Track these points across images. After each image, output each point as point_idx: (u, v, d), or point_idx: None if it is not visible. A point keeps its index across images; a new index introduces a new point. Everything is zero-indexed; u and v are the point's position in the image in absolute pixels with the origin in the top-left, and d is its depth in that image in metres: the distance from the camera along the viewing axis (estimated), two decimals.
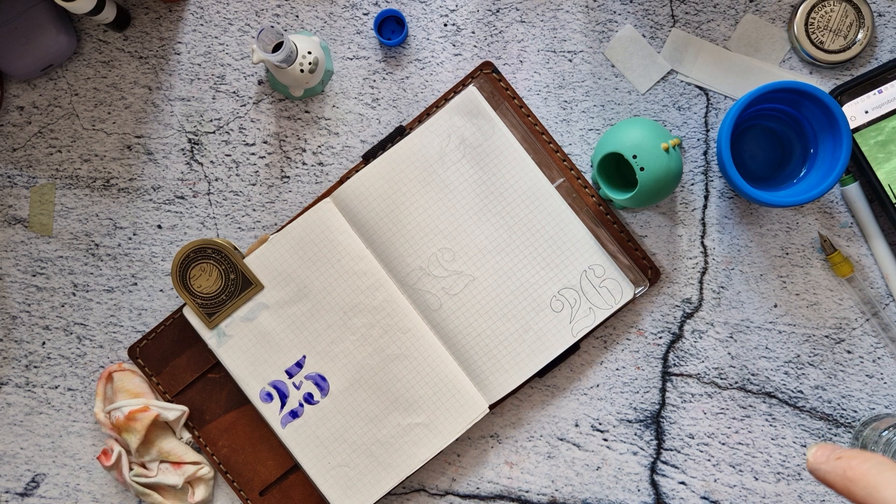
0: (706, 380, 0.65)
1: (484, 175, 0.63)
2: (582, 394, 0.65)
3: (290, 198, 0.66)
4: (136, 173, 0.66)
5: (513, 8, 0.65)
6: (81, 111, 0.66)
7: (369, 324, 0.63)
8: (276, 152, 0.66)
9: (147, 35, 0.66)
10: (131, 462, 0.65)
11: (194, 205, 0.66)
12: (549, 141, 0.64)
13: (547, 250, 0.63)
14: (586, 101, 0.65)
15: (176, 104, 0.66)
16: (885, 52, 0.64)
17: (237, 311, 0.63)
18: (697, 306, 0.65)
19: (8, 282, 0.67)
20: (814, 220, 0.64)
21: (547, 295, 0.63)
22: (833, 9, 0.62)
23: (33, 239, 0.66)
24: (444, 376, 0.63)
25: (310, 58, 0.62)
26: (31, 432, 0.67)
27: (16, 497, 0.67)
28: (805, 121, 0.61)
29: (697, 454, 0.65)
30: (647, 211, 0.65)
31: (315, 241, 0.63)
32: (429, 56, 0.65)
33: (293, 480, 0.65)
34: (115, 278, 0.66)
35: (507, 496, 0.65)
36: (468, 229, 0.63)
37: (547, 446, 0.65)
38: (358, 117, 0.65)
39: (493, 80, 0.64)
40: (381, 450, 0.63)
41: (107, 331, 0.66)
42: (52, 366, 0.67)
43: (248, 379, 0.63)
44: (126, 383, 0.64)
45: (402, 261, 0.63)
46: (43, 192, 0.66)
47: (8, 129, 0.66)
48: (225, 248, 0.62)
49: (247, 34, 0.66)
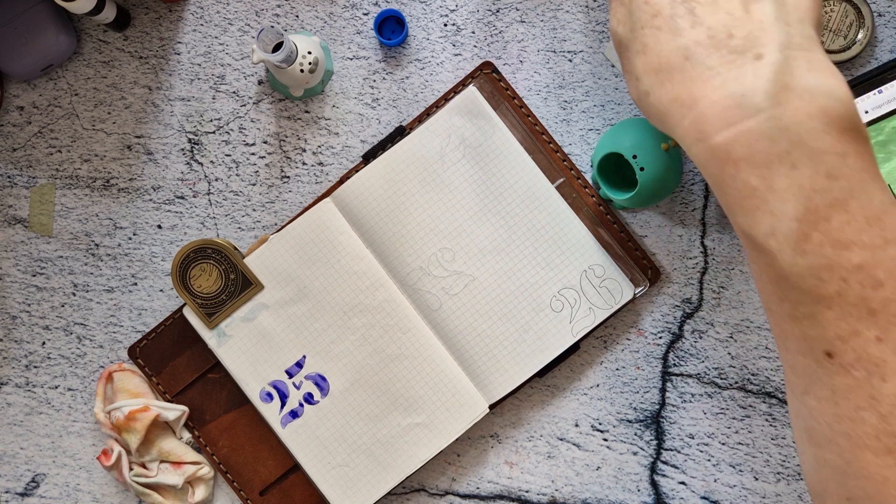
0: (706, 380, 0.65)
1: (484, 175, 0.63)
2: (582, 394, 0.65)
3: (290, 198, 0.66)
4: (136, 173, 0.66)
5: (513, 8, 0.65)
6: (81, 111, 0.66)
7: (369, 324, 0.63)
8: (276, 152, 0.66)
9: (147, 35, 0.66)
10: (131, 462, 0.65)
11: (194, 205, 0.66)
12: (549, 141, 0.64)
13: (547, 250, 0.63)
14: (586, 101, 0.65)
15: (176, 104, 0.66)
16: (885, 52, 0.64)
17: (237, 311, 0.63)
18: (697, 306, 0.65)
19: (8, 282, 0.67)
20: None
21: (547, 295, 0.63)
22: (833, 9, 0.62)
23: (33, 239, 0.66)
24: (444, 376, 0.63)
25: (310, 58, 0.62)
26: (31, 432, 0.67)
27: (16, 497, 0.67)
28: None
29: (697, 454, 0.65)
30: (647, 211, 0.65)
31: (315, 241, 0.63)
32: (429, 56, 0.65)
33: (293, 480, 0.65)
34: (115, 278, 0.66)
35: (507, 496, 0.65)
36: (468, 229, 0.63)
37: (547, 446, 0.65)
38: (358, 117, 0.65)
39: (493, 80, 0.64)
40: (381, 450, 0.63)
41: (107, 331, 0.66)
42: (52, 366, 0.67)
43: (248, 379, 0.63)
44: (126, 383, 0.64)
45: (402, 261, 0.63)
46: (43, 192, 0.66)
47: (8, 129, 0.66)
48: (225, 248, 0.62)
49: (247, 34, 0.66)
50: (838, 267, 0.38)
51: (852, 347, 0.39)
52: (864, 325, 0.39)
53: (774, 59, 0.39)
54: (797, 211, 0.38)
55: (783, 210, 0.39)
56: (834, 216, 0.38)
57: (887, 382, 0.38)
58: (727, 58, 0.40)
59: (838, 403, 0.40)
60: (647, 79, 0.43)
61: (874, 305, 0.38)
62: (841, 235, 0.38)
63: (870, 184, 0.39)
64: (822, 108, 0.38)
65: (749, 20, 0.41)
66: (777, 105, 0.39)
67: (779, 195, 0.39)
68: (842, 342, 0.39)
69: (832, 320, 0.39)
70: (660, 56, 0.42)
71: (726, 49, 0.40)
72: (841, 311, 0.39)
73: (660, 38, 0.42)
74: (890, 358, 0.38)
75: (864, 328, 0.39)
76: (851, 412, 0.39)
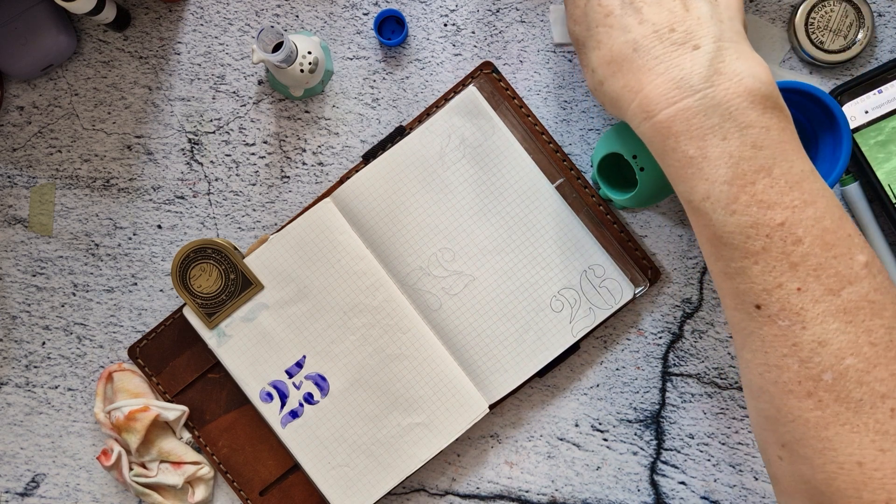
0: (706, 380, 0.65)
1: (484, 175, 0.63)
2: (582, 394, 0.65)
3: (290, 198, 0.66)
4: (136, 173, 0.66)
5: (513, 8, 0.65)
6: (81, 111, 0.66)
7: (369, 324, 0.63)
8: (276, 152, 0.66)
9: (147, 35, 0.66)
10: (131, 462, 0.65)
11: (194, 205, 0.66)
12: (549, 141, 0.64)
13: (547, 250, 0.63)
14: (586, 101, 0.65)
15: (176, 104, 0.66)
16: (885, 52, 0.64)
17: (237, 311, 0.63)
18: (697, 306, 0.65)
19: (8, 282, 0.67)
20: None
21: (547, 295, 0.63)
22: (833, 9, 0.62)
23: (33, 239, 0.66)
24: (444, 376, 0.63)
25: (310, 58, 0.62)
26: (31, 432, 0.67)
27: (16, 497, 0.67)
28: (805, 121, 0.61)
29: (697, 454, 0.65)
30: (647, 211, 0.65)
31: (315, 241, 0.63)
32: (429, 56, 0.65)
33: (293, 480, 0.65)
34: (115, 278, 0.66)
35: (507, 496, 0.65)
36: (468, 229, 0.63)
37: (547, 446, 0.65)
38: (358, 117, 0.65)
39: (493, 80, 0.64)
40: (381, 450, 0.63)
41: (107, 331, 0.66)
42: (52, 366, 0.67)
43: (248, 379, 0.63)
44: (126, 383, 0.64)
45: (402, 261, 0.63)
46: (43, 192, 0.66)
47: (8, 129, 0.66)
48: (225, 248, 0.62)
49: (247, 34, 0.66)
50: (763, 225, 0.44)
51: (777, 299, 0.44)
52: (787, 277, 0.44)
53: (709, 48, 0.46)
54: (727, 176, 0.44)
55: (716, 175, 0.45)
56: (759, 180, 0.44)
57: (807, 330, 0.43)
58: (669, 49, 0.47)
59: (767, 353, 0.45)
60: (601, 70, 0.49)
61: (794, 259, 0.43)
62: (765, 197, 0.44)
63: (791, 153, 0.45)
64: (748, 88, 0.45)
65: (688, 17, 0.47)
66: (710, 86, 0.45)
67: (712, 163, 0.45)
68: (767, 294, 0.44)
69: (759, 274, 0.44)
70: (612, 50, 0.48)
71: (669, 41, 0.47)
72: (766, 266, 0.44)
73: (612, 35, 0.49)
74: (809, 307, 0.43)
75: (786, 280, 0.44)
76: (778, 360, 0.44)
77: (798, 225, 0.43)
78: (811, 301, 0.43)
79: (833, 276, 0.43)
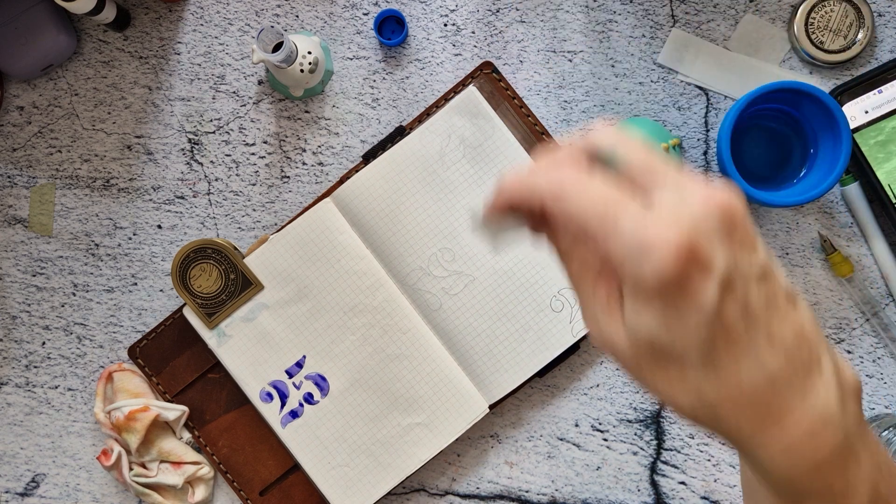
0: None
1: (484, 175, 0.63)
2: (582, 394, 0.65)
3: (290, 198, 0.66)
4: (136, 173, 0.66)
5: (513, 8, 0.65)
6: (81, 111, 0.66)
7: (369, 324, 0.63)
8: (276, 152, 0.66)
9: (147, 35, 0.66)
10: (131, 462, 0.65)
11: (194, 205, 0.66)
12: (550, 141, 0.64)
13: (547, 250, 0.63)
14: (586, 101, 0.65)
15: (176, 104, 0.66)
16: (885, 52, 0.64)
17: (237, 311, 0.63)
18: None
19: (8, 282, 0.67)
20: (814, 220, 0.64)
21: (547, 295, 0.63)
22: (833, 9, 0.62)
23: (33, 239, 0.66)
24: (444, 376, 0.63)
25: (310, 58, 0.62)
26: (31, 432, 0.67)
27: (16, 497, 0.67)
28: (805, 121, 0.61)
29: (697, 454, 0.65)
30: None
31: (315, 241, 0.63)
32: (429, 56, 0.65)
33: (293, 480, 0.65)
34: (115, 278, 0.66)
35: (507, 496, 0.65)
36: (468, 229, 0.63)
37: (547, 446, 0.65)
38: (358, 117, 0.65)
39: (493, 80, 0.64)
40: (381, 450, 0.63)
41: (107, 331, 0.66)
42: (52, 366, 0.67)
43: (248, 379, 0.63)
44: (126, 383, 0.64)
45: (402, 261, 0.63)
46: (43, 192, 0.66)
47: (8, 129, 0.66)
48: (225, 248, 0.62)
49: (247, 34, 0.66)
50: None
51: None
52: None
53: (827, 361, 0.37)
54: (867, 498, 0.38)
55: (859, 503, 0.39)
56: (892, 499, 0.40)
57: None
58: (801, 373, 0.37)
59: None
60: (724, 408, 0.37)
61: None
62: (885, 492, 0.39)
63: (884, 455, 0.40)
64: (855, 389, 0.37)
65: None
66: (843, 409, 0.37)
67: (854, 489, 0.38)
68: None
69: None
70: (741, 385, 0.36)
71: (799, 363, 0.36)
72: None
73: (740, 363, 0.36)
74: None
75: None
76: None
77: None
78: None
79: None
